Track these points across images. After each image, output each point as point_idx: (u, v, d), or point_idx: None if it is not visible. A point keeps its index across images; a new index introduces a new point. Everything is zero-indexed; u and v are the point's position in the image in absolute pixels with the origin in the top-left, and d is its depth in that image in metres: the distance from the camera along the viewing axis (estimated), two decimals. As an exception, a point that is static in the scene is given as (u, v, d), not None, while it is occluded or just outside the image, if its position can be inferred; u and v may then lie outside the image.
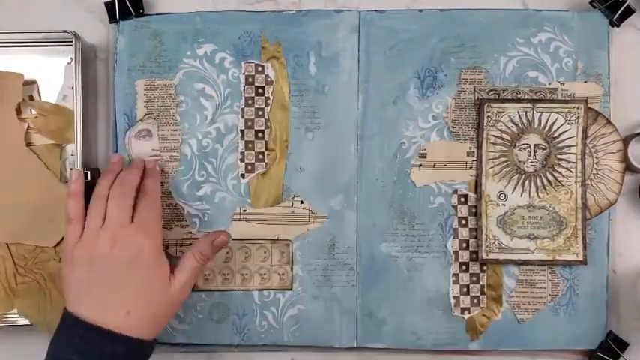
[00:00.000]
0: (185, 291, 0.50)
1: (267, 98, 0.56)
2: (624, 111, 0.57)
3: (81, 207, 0.49)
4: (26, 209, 0.56)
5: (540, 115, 0.55)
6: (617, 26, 0.56)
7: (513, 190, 0.55)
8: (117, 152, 0.56)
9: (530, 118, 0.55)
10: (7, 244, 0.56)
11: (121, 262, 0.47)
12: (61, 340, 0.46)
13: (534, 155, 0.55)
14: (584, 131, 0.55)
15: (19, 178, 0.56)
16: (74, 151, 0.55)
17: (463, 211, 0.56)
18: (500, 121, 0.55)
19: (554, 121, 0.55)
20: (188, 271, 0.50)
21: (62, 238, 0.55)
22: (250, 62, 0.56)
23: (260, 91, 0.56)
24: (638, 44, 0.58)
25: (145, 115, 0.56)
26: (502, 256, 0.55)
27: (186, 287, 0.50)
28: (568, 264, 0.55)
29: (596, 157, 0.56)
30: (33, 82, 0.57)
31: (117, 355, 0.45)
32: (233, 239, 0.56)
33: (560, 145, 0.55)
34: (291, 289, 0.56)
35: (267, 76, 0.56)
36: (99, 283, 0.47)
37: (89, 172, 0.54)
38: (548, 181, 0.55)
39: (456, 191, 0.56)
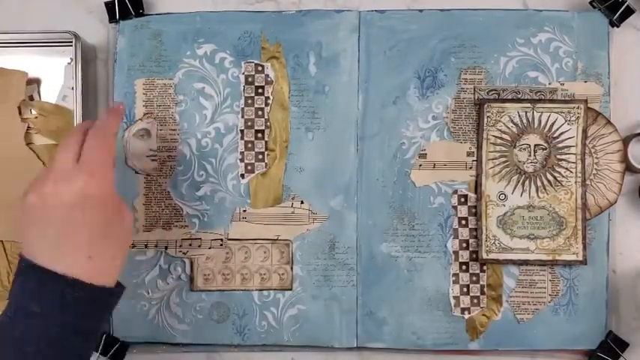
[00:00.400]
0: (131, 216, 0.46)
1: (267, 98, 0.56)
2: (624, 111, 0.57)
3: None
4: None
5: (540, 115, 0.55)
6: (617, 26, 0.56)
7: (513, 190, 0.55)
8: (115, 152, 0.56)
9: (530, 118, 0.55)
10: (1, 242, 0.56)
11: (68, 204, 0.42)
12: (17, 288, 0.42)
13: (534, 155, 0.55)
14: (584, 131, 0.55)
15: (17, 177, 0.56)
16: (74, 151, 0.55)
17: (463, 211, 0.56)
18: (500, 121, 0.55)
19: (554, 121, 0.55)
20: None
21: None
22: (250, 62, 0.56)
23: (260, 91, 0.56)
24: (638, 44, 0.58)
25: (144, 114, 0.56)
26: (502, 256, 0.55)
27: (130, 212, 0.46)
28: (568, 264, 0.55)
29: (596, 157, 0.56)
30: (36, 81, 0.57)
31: (79, 302, 0.41)
32: (232, 239, 0.56)
33: (560, 145, 0.55)
34: (291, 289, 0.56)
35: (267, 76, 0.56)
36: (52, 227, 0.42)
37: None
38: (548, 181, 0.55)
39: (456, 191, 0.56)
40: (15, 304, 0.41)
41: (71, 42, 0.55)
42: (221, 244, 0.56)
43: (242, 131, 0.56)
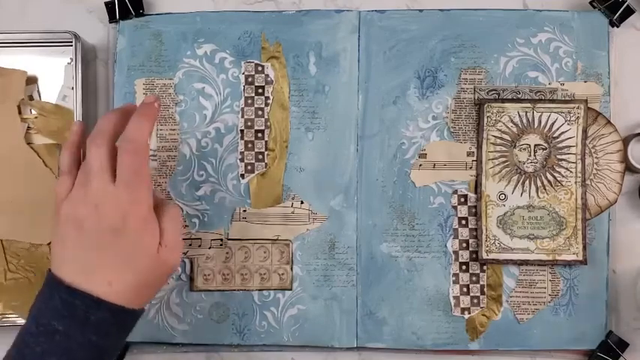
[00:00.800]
0: (175, 255, 0.45)
1: (267, 98, 0.56)
2: (624, 111, 0.57)
3: (73, 160, 0.45)
4: (23, 206, 0.56)
5: (540, 115, 0.55)
6: (617, 26, 0.56)
7: (513, 191, 0.55)
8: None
9: (530, 118, 0.55)
10: (0, 240, 0.56)
11: (104, 227, 0.42)
12: (42, 303, 0.42)
13: (534, 155, 0.55)
14: (584, 131, 0.55)
15: (18, 175, 0.56)
16: (74, 150, 0.55)
17: (463, 211, 0.56)
18: (500, 121, 0.55)
19: (554, 121, 0.55)
20: (175, 231, 0.45)
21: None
22: (250, 62, 0.56)
23: (260, 90, 0.56)
24: (638, 44, 0.57)
25: (145, 114, 0.56)
26: (502, 256, 0.55)
27: (176, 250, 0.45)
28: (568, 264, 0.55)
29: (596, 157, 0.56)
30: (35, 81, 0.57)
31: (102, 323, 0.41)
32: (232, 239, 0.56)
33: (560, 145, 0.55)
34: (291, 290, 0.56)
35: (267, 75, 0.56)
36: (83, 246, 0.42)
37: None
38: (548, 181, 0.55)
39: (455, 191, 0.56)
40: (37, 319, 0.41)
41: (71, 42, 0.55)
42: (221, 244, 0.56)
43: (242, 131, 0.56)
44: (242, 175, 0.56)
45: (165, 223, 0.44)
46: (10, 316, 0.56)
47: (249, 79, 0.56)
